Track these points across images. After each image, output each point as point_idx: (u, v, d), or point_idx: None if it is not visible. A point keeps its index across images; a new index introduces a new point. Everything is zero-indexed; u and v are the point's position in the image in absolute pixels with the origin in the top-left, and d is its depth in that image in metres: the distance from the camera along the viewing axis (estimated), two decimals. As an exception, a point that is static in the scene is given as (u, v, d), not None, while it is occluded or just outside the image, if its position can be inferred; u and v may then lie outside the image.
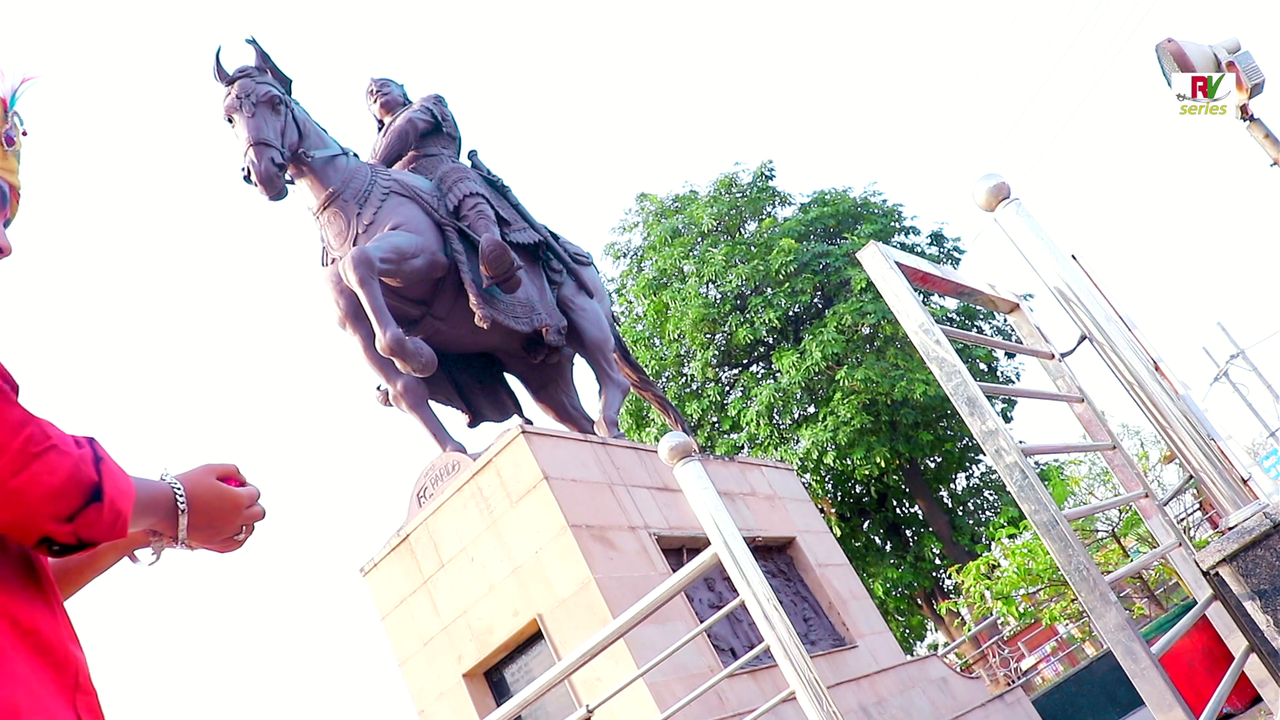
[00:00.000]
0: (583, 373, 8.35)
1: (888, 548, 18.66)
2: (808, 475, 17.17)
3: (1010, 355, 18.37)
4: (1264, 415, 25.71)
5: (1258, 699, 5.30)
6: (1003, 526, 9.21)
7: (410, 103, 8.10)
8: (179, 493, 1.17)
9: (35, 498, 0.97)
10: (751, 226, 19.96)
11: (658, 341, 19.24)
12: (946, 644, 18.43)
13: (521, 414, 7.85)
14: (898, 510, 18.87)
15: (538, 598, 5.48)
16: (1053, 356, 3.29)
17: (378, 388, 6.87)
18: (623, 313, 19.80)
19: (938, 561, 17.65)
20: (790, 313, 18.08)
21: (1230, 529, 2.51)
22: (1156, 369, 2.83)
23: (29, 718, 0.91)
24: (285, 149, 6.45)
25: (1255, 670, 3.13)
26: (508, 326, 7.02)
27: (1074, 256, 2.99)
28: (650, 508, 6.21)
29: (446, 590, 5.94)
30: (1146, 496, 3.17)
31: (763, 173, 20.25)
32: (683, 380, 19.12)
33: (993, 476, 18.83)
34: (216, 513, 1.21)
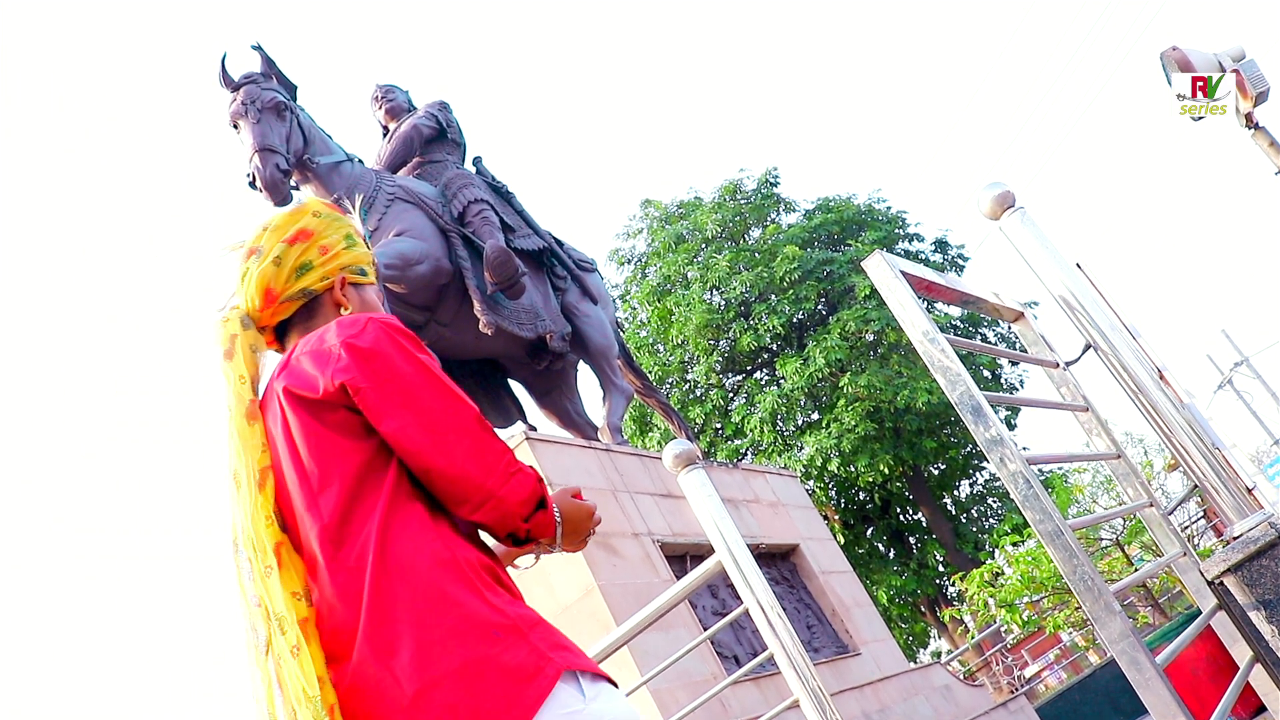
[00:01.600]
0: (587, 379, 8.36)
1: (891, 555, 18.64)
2: (811, 482, 17.16)
3: (1014, 363, 18.36)
4: (1268, 423, 25.67)
5: (1262, 709, 5.28)
6: (1006, 534, 9.22)
7: (415, 109, 8.11)
8: (555, 509, 1.50)
9: (514, 503, 1.38)
10: (756, 233, 19.98)
11: (661, 348, 19.25)
12: (950, 651, 18.39)
13: (525, 420, 7.85)
14: (901, 517, 18.86)
15: (540, 604, 5.48)
16: (1057, 365, 3.29)
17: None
18: (627, 319, 19.82)
19: (941, 569, 17.63)
20: (794, 319, 18.09)
21: (1235, 538, 2.51)
22: (1161, 377, 2.83)
23: (540, 622, 1.32)
24: (290, 155, 6.47)
25: (1260, 680, 3.12)
26: (512, 333, 7.02)
27: (1078, 265, 2.99)
28: (654, 514, 6.21)
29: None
30: (1150, 505, 3.17)
31: (767, 179, 20.27)
32: (686, 386, 19.12)
33: (996, 484, 18.81)
34: (579, 523, 1.56)
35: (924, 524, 18.53)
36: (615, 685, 1.33)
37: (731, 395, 18.97)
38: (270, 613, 1.30)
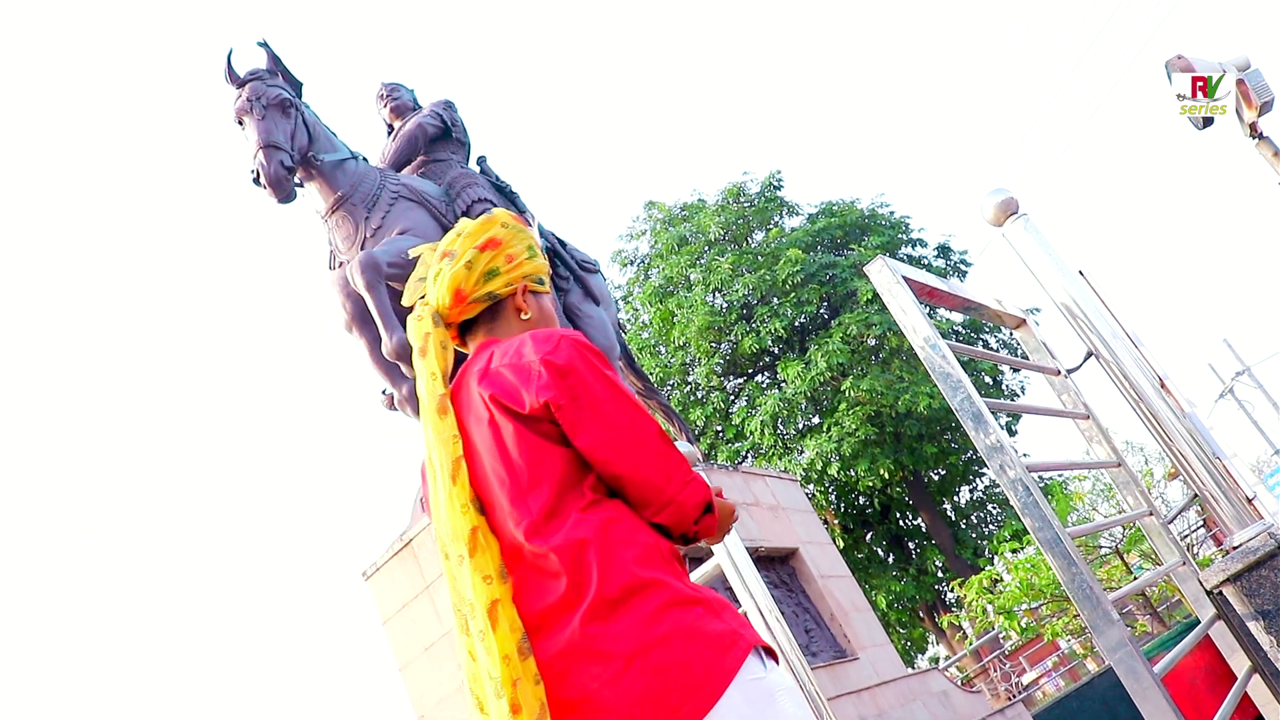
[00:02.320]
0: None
1: (890, 560, 18.63)
2: (811, 486, 17.16)
3: (1015, 370, 18.35)
4: (1269, 433, 25.66)
5: (1260, 719, 5.28)
6: (1006, 540, 9.21)
7: (420, 108, 8.11)
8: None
9: (690, 506, 1.55)
10: (759, 236, 19.98)
11: (663, 349, 19.25)
12: (948, 657, 18.38)
13: (526, 420, 7.86)
14: (901, 523, 18.85)
15: (539, 604, 5.49)
16: (1058, 372, 3.29)
17: (383, 391, 6.88)
18: (629, 320, 19.81)
19: (940, 575, 17.62)
20: (796, 323, 18.08)
21: (1234, 548, 2.51)
22: (1162, 386, 2.84)
23: (726, 603, 1.50)
24: (295, 152, 6.47)
25: (1258, 691, 3.12)
26: (513, 332, 7.04)
27: (1081, 272, 2.99)
28: (653, 516, 6.21)
29: (449, 596, 5.94)
30: (1150, 514, 3.17)
31: (771, 183, 20.27)
32: (687, 388, 19.12)
33: (996, 490, 18.79)
34: (725, 521, 1.69)
35: (923, 529, 18.52)
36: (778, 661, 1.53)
37: (732, 398, 18.97)
38: (465, 597, 1.50)
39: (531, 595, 1.48)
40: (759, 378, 19.26)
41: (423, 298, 1.77)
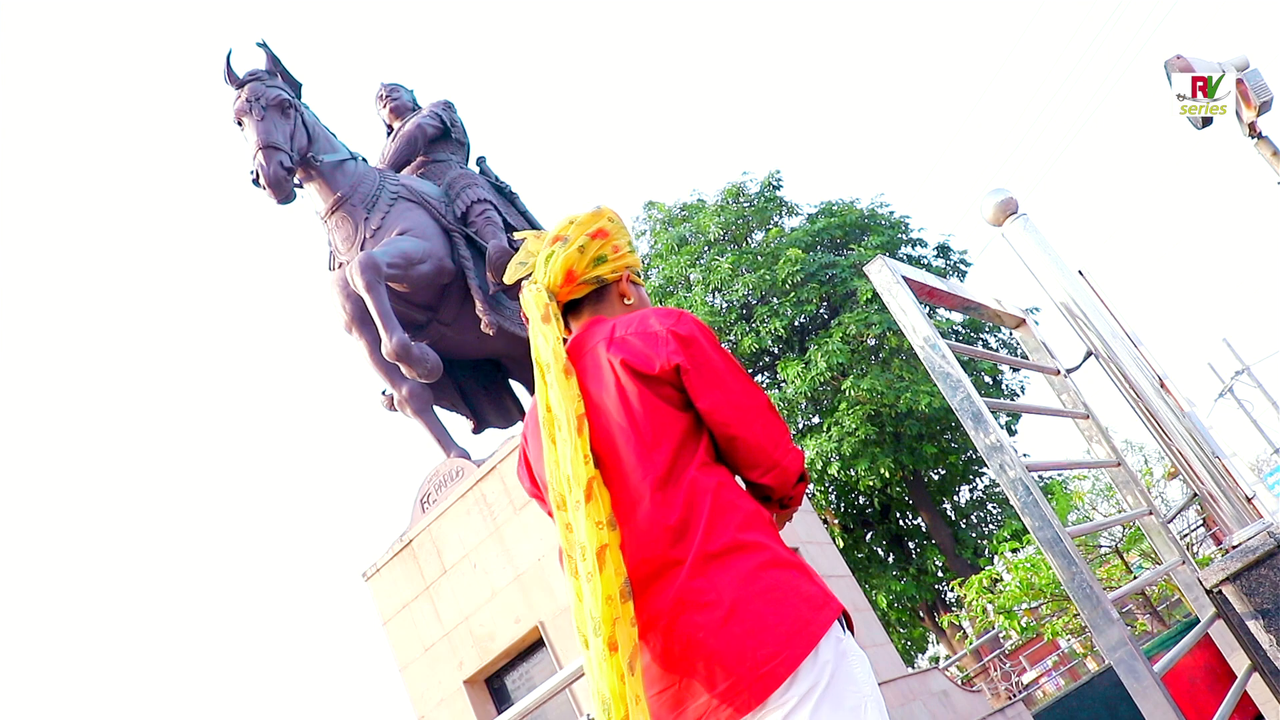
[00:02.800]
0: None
1: (890, 560, 18.62)
2: (811, 486, 17.15)
3: (1015, 369, 18.35)
4: (1269, 432, 25.67)
5: (1260, 718, 5.29)
6: (1006, 540, 9.20)
7: (420, 108, 8.12)
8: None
9: (791, 472, 1.72)
10: (758, 236, 19.97)
11: (663, 349, 19.22)
12: (948, 657, 18.37)
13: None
14: (901, 522, 18.84)
15: (540, 605, 5.48)
16: (1058, 372, 3.29)
17: (383, 392, 6.89)
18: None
19: (940, 574, 17.60)
20: (796, 323, 18.07)
21: (1234, 547, 2.51)
22: (1161, 385, 2.84)
23: (813, 570, 1.63)
24: (294, 153, 6.47)
25: (1257, 690, 3.12)
26: (513, 333, 7.03)
27: (1080, 272, 2.99)
28: (653, 516, 6.21)
29: (449, 596, 5.94)
30: (1150, 513, 3.17)
31: (770, 183, 20.26)
32: (687, 389, 19.10)
33: (996, 490, 18.79)
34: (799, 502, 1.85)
35: (923, 529, 18.51)
36: None
37: (732, 398, 18.93)
38: (576, 540, 1.60)
39: (645, 547, 1.60)
40: (759, 377, 19.24)
41: (529, 277, 1.92)
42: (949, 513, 18.76)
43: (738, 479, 1.74)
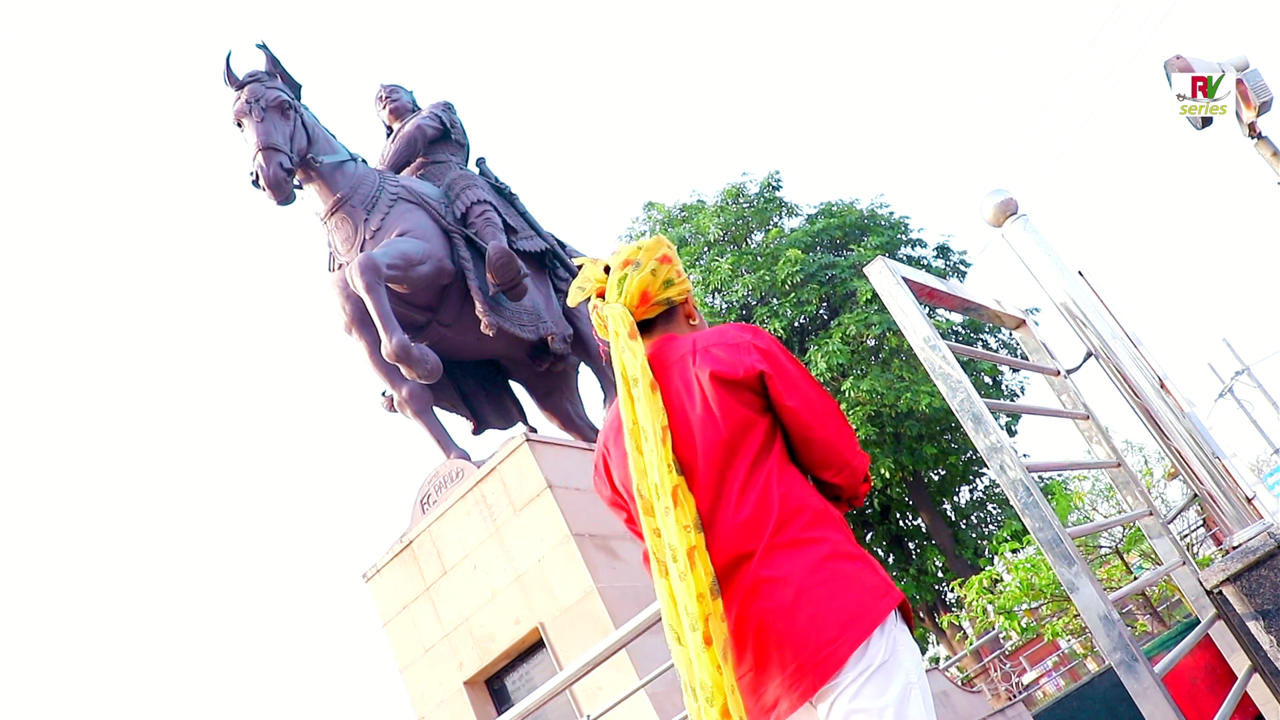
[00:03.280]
0: (588, 381, 8.35)
1: (891, 560, 18.61)
2: (811, 486, 17.10)
3: (1015, 370, 18.34)
4: (1269, 432, 25.67)
5: (1260, 719, 5.28)
6: (1006, 540, 9.17)
7: (419, 109, 8.12)
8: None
9: (859, 472, 1.88)
10: (758, 237, 19.96)
11: (663, 350, 19.21)
12: (948, 657, 18.36)
13: (526, 422, 7.85)
14: (901, 523, 18.83)
15: (540, 606, 5.48)
16: (1058, 373, 3.29)
17: (383, 393, 6.88)
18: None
19: (940, 575, 17.59)
20: (796, 323, 18.06)
21: (1234, 548, 2.51)
22: (1161, 385, 2.84)
23: (876, 562, 1.77)
24: (294, 154, 6.47)
25: (1258, 690, 3.12)
26: (513, 334, 7.02)
27: (1080, 272, 2.99)
28: (653, 517, 6.20)
29: (448, 597, 5.94)
30: (1150, 514, 3.17)
31: (770, 183, 20.25)
32: (687, 389, 19.09)
33: (996, 490, 18.78)
34: None
35: (923, 529, 18.51)
36: None
37: (732, 398, 18.93)
38: (666, 543, 1.71)
39: (727, 544, 1.73)
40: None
41: (599, 298, 2.04)
42: (949, 513, 18.75)
43: (808, 478, 1.89)
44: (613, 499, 2.08)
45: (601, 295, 2.05)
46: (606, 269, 2.06)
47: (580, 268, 2.09)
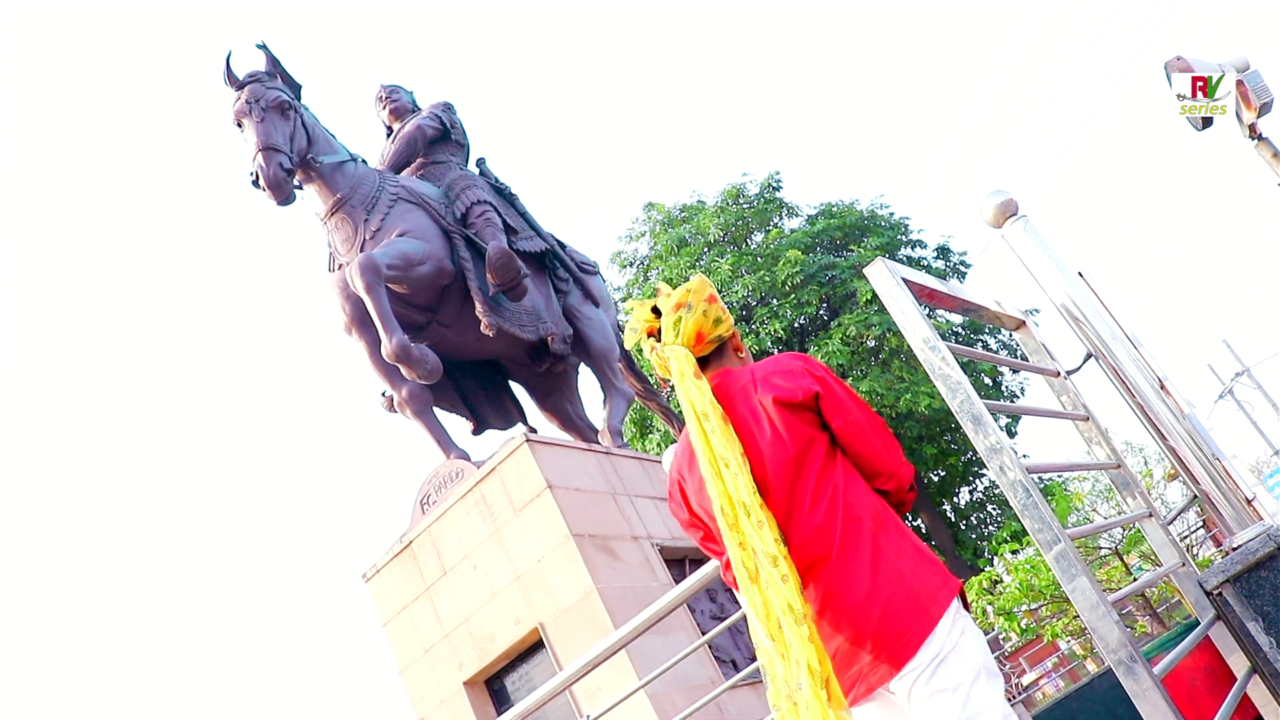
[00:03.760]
0: (587, 382, 8.36)
1: (890, 561, 18.60)
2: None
3: (1015, 371, 18.34)
4: (1269, 434, 25.67)
5: None
6: (1005, 541, 9.17)
7: (419, 110, 8.12)
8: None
9: (905, 480, 2.08)
10: (758, 237, 19.97)
11: (662, 351, 19.20)
12: (948, 658, 18.32)
13: (526, 422, 7.85)
14: (900, 523, 18.83)
15: (539, 606, 5.48)
16: (1058, 373, 3.29)
17: (383, 393, 6.88)
18: (628, 322, 19.75)
19: (940, 575, 17.59)
20: (796, 324, 18.07)
21: (1234, 549, 2.51)
22: (1161, 387, 2.84)
23: (937, 559, 1.98)
24: (294, 154, 6.46)
25: (1257, 692, 3.12)
26: (513, 334, 7.02)
27: (1080, 273, 2.99)
28: (653, 518, 6.22)
29: (448, 597, 5.94)
30: (1150, 515, 3.17)
31: (770, 184, 20.26)
32: (687, 390, 19.07)
33: (996, 491, 18.78)
34: None
35: (923, 530, 18.50)
36: None
37: (732, 399, 18.92)
38: (758, 551, 1.90)
39: (805, 548, 1.94)
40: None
41: (649, 337, 2.27)
42: (949, 514, 18.75)
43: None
44: (690, 521, 2.27)
45: (650, 334, 2.28)
46: (654, 310, 2.29)
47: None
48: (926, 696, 1.82)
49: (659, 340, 2.24)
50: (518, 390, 8.12)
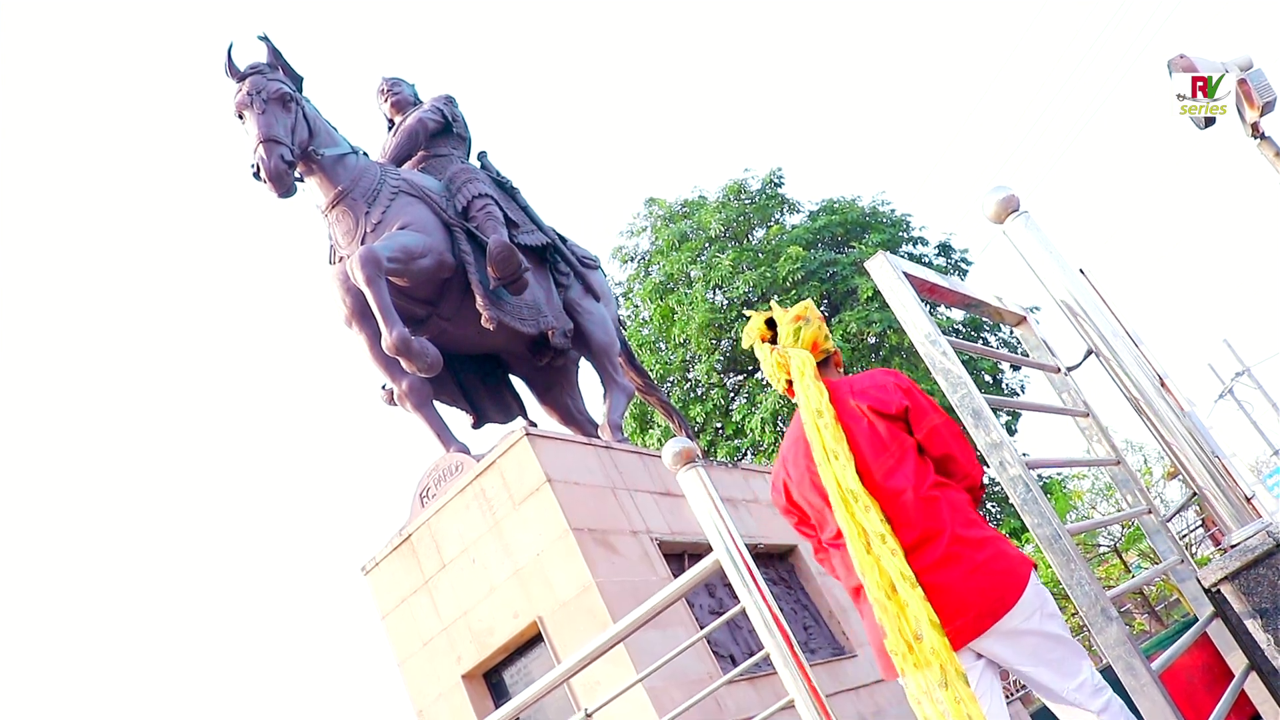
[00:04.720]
0: (588, 376, 8.35)
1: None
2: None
3: (1016, 367, 18.34)
4: (1268, 433, 25.68)
5: (1257, 717, 5.28)
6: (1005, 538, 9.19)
7: (421, 103, 8.11)
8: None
9: (978, 480, 2.54)
10: (759, 233, 19.95)
11: (663, 346, 19.23)
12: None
13: (526, 416, 7.85)
14: (900, 520, 18.82)
15: (538, 600, 5.48)
16: (1058, 370, 3.29)
17: (382, 387, 6.88)
18: (629, 317, 19.78)
19: (939, 572, 17.58)
20: (796, 320, 18.03)
21: (1233, 547, 2.51)
22: (1162, 385, 2.83)
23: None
24: (295, 146, 6.45)
25: (1255, 689, 3.12)
26: (514, 328, 7.01)
27: (1082, 271, 2.99)
28: (653, 512, 6.22)
29: (447, 591, 5.95)
30: (1149, 512, 3.17)
31: (772, 180, 20.24)
32: (687, 385, 19.11)
33: (996, 488, 18.78)
34: None
35: (922, 527, 18.52)
36: None
37: (732, 395, 18.95)
38: (869, 530, 2.32)
39: (908, 529, 2.35)
40: (759, 375, 19.24)
41: (764, 342, 2.74)
42: (948, 511, 18.74)
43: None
44: (786, 508, 2.72)
45: (763, 340, 2.74)
46: (768, 321, 2.75)
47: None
48: (1018, 634, 2.28)
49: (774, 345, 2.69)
50: (518, 384, 8.11)
